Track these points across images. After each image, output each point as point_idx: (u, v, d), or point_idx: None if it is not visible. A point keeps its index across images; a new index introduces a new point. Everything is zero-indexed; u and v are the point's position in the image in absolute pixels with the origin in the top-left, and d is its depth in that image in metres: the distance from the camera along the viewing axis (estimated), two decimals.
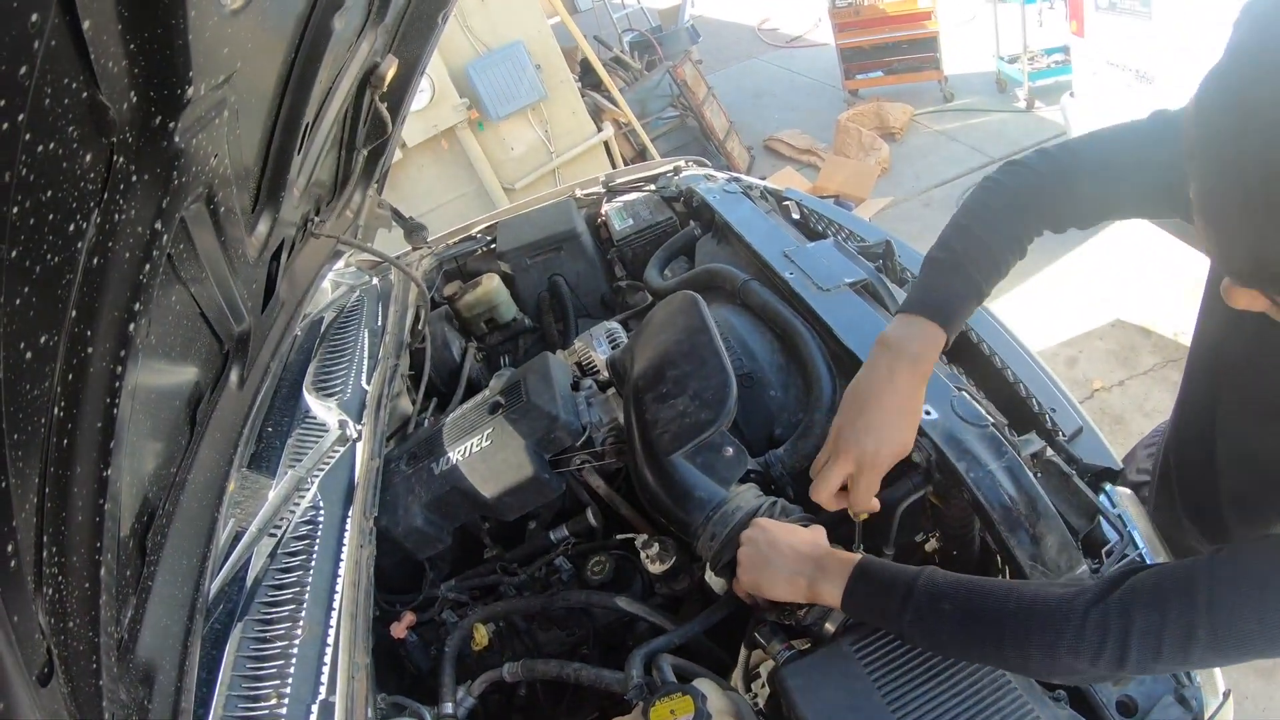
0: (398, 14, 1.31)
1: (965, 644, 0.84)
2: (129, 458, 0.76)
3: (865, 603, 0.89)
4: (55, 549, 0.60)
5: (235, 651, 1.02)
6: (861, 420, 0.93)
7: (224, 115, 0.78)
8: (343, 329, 1.74)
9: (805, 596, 0.94)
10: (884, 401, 0.92)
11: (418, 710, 1.03)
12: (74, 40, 0.50)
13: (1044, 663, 0.78)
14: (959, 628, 0.82)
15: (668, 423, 1.18)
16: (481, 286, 2.02)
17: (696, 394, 1.19)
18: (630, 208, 2.18)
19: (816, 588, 0.92)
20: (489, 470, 1.28)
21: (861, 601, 0.89)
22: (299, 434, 1.43)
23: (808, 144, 5.36)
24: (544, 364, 1.39)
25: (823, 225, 1.88)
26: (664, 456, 1.15)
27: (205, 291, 0.92)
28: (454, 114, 3.86)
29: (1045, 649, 0.76)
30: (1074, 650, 0.74)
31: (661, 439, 1.17)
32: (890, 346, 0.94)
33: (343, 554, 1.14)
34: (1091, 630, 0.74)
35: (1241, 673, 2.10)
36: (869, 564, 0.91)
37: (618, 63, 5.71)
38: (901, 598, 0.85)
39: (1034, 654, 0.77)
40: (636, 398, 1.25)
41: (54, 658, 0.57)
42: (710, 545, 1.07)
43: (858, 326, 1.34)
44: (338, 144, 1.41)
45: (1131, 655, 0.72)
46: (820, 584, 0.92)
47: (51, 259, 0.53)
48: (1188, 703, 0.91)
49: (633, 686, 0.98)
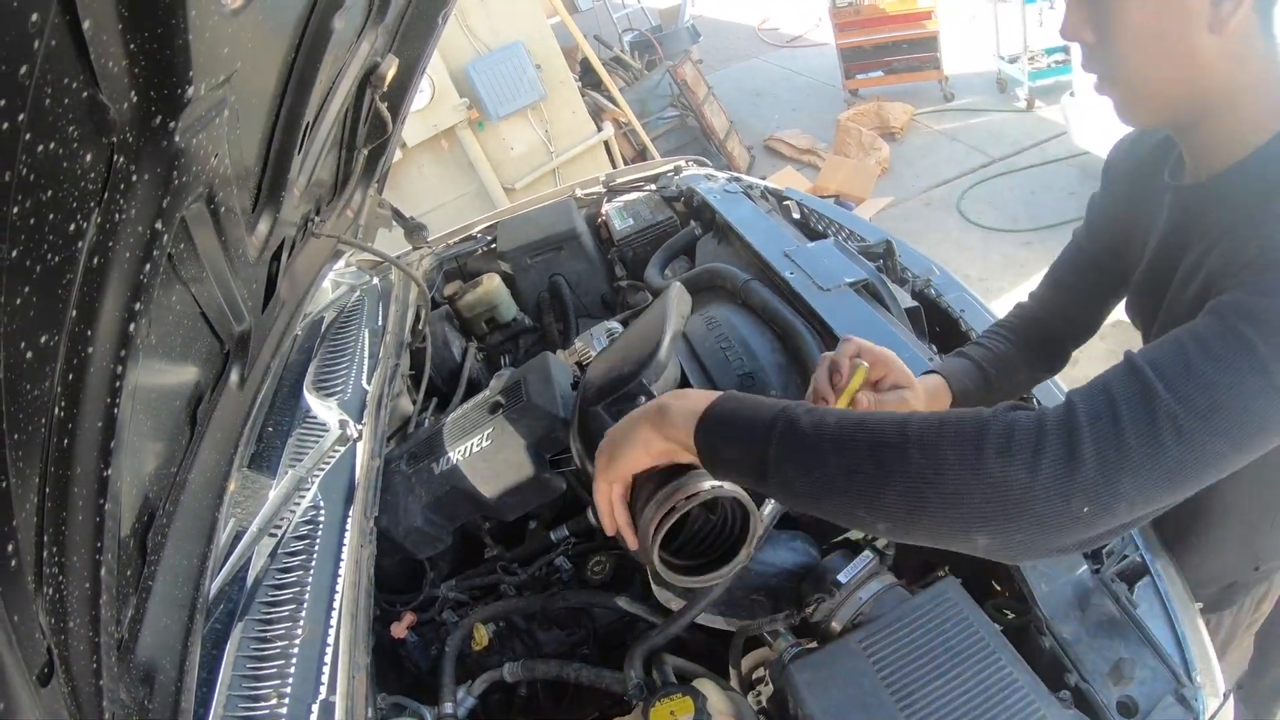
0: (398, 14, 1.31)
1: (853, 467, 0.61)
2: (129, 458, 0.76)
3: (727, 420, 0.69)
4: (55, 549, 0.60)
5: (235, 651, 1.02)
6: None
7: (224, 115, 0.77)
8: (343, 329, 1.74)
9: (660, 440, 0.73)
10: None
11: (418, 710, 1.03)
12: (74, 40, 0.50)
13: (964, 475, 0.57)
14: (848, 439, 0.62)
15: (597, 379, 1.18)
16: (482, 286, 2.02)
17: (625, 354, 1.20)
18: (630, 207, 2.18)
19: (667, 414, 0.73)
20: (489, 470, 1.28)
21: (723, 419, 0.70)
22: (299, 434, 1.43)
23: (808, 144, 5.36)
24: (544, 364, 1.39)
25: (823, 225, 1.88)
26: (585, 407, 1.13)
27: (205, 291, 0.92)
28: (454, 114, 3.86)
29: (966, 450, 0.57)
30: (1004, 449, 0.57)
31: (588, 392, 1.17)
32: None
33: (343, 554, 1.14)
34: (1024, 422, 0.58)
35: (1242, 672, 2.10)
36: (732, 394, 0.73)
37: (618, 62, 5.71)
38: (774, 412, 0.67)
39: (949, 461, 0.58)
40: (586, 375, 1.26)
41: (54, 658, 0.57)
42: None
43: (857, 326, 1.34)
44: (338, 144, 1.41)
45: (1085, 448, 0.55)
46: (672, 409, 0.73)
47: (51, 259, 0.53)
48: (1188, 703, 0.90)
49: (633, 686, 0.98)
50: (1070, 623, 0.97)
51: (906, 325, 1.45)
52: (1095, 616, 0.98)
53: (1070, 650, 0.95)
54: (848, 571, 1.08)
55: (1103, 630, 0.97)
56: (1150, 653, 0.93)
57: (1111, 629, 0.97)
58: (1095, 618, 0.98)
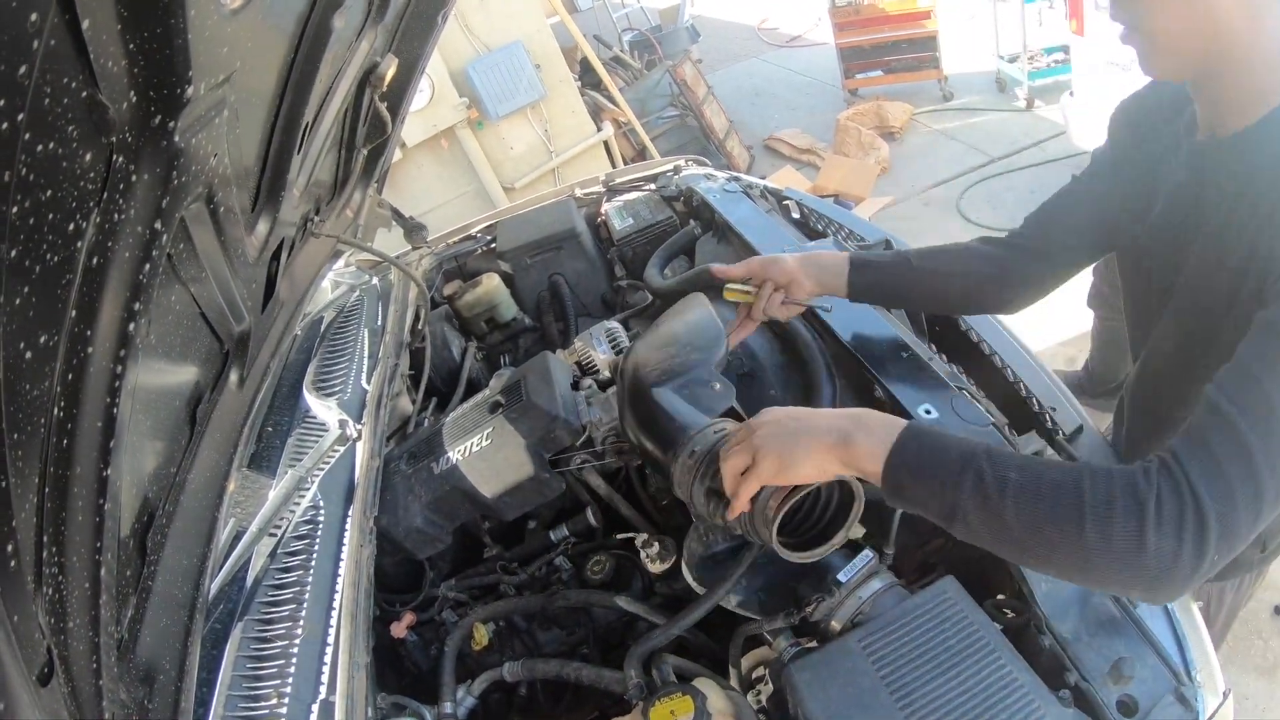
0: (398, 14, 1.31)
1: (1035, 523, 0.69)
2: (129, 458, 0.76)
3: (915, 464, 0.75)
4: (55, 549, 0.60)
5: (235, 651, 1.02)
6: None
7: (224, 115, 0.77)
8: (343, 328, 1.74)
9: (839, 465, 0.80)
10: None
11: (418, 710, 1.03)
12: (74, 40, 0.50)
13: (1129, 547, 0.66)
14: (1030, 500, 0.69)
15: (657, 363, 1.16)
16: (481, 286, 2.02)
17: (688, 343, 1.20)
18: (630, 207, 2.18)
19: (854, 448, 0.78)
20: (489, 470, 1.28)
21: (910, 461, 0.75)
22: (299, 434, 1.43)
23: (808, 143, 5.35)
24: (544, 363, 1.39)
25: (822, 224, 1.88)
26: (649, 389, 1.10)
27: (205, 291, 0.92)
28: (454, 113, 3.85)
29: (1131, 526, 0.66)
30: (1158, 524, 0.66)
31: (649, 375, 1.13)
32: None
33: (343, 554, 1.14)
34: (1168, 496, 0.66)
35: (1242, 672, 2.10)
36: (920, 424, 0.79)
37: (618, 62, 5.71)
38: (961, 460, 0.73)
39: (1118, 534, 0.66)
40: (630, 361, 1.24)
41: (54, 658, 0.57)
42: (688, 464, 0.96)
43: (857, 326, 1.34)
44: (338, 144, 1.41)
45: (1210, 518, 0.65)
46: (858, 442, 0.78)
47: (51, 259, 0.53)
48: (1188, 702, 0.90)
49: (632, 686, 0.98)
50: (1070, 622, 0.97)
51: (906, 324, 1.45)
52: (1095, 615, 0.98)
53: (1070, 649, 0.95)
54: (847, 571, 1.08)
55: (1102, 629, 0.97)
56: (1150, 652, 0.93)
57: (1111, 628, 0.97)
58: (1095, 617, 0.98)
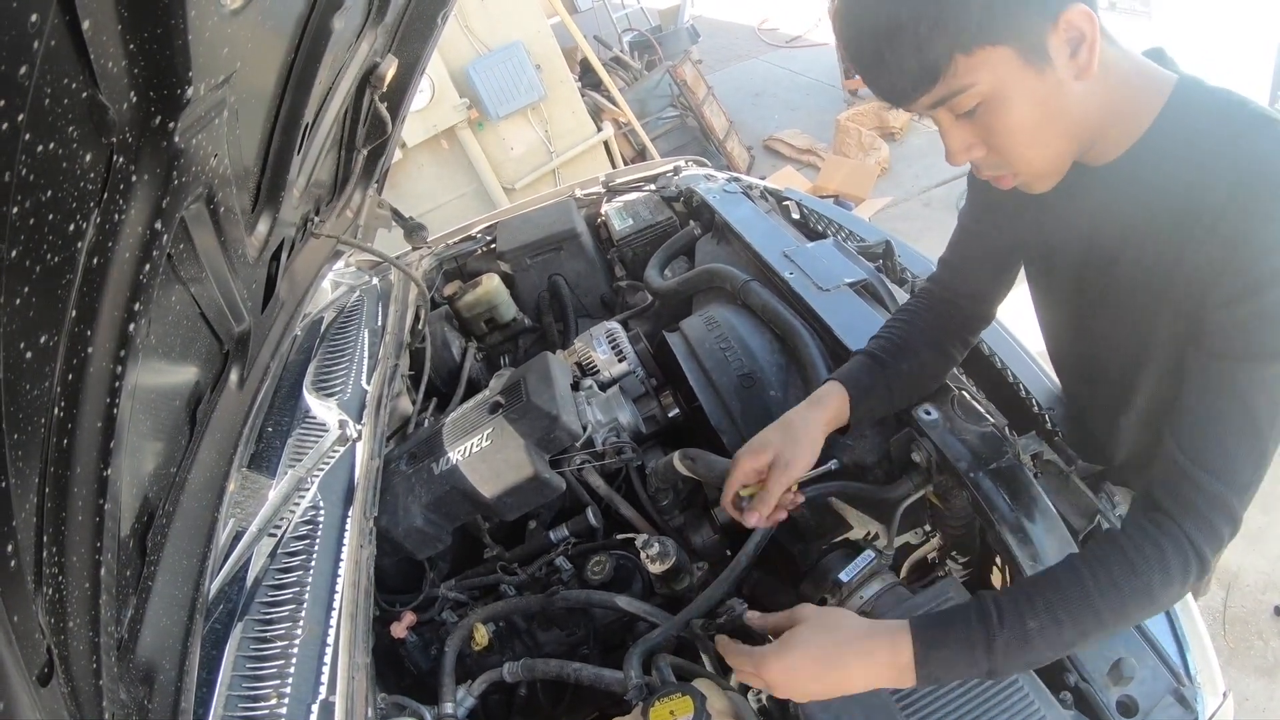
0: (398, 14, 1.31)
1: (1066, 644, 0.79)
2: (129, 458, 0.76)
3: (937, 674, 0.81)
4: (55, 549, 0.60)
5: (235, 651, 1.02)
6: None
7: (224, 115, 0.78)
8: (343, 329, 1.74)
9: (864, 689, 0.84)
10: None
11: (418, 710, 1.03)
12: (74, 40, 0.50)
13: (1144, 610, 0.79)
14: (1055, 635, 0.78)
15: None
16: (481, 286, 2.02)
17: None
18: (630, 208, 2.18)
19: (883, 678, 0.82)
20: (489, 470, 1.28)
21: (933, 674, 0.81)
22: (299, 434, 1.42)
23: (808, 144, 5.36)
24: (544, 364, 1.39)
25: (823, 225, 1.88)
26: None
27: (205, 291, 0.92)
28: (454, 114, 3.86)
29: (1143, 600, 0.77)
30: (1165, 582, 0.76)
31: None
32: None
33: (343, 554, 1.14)
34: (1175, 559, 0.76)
35: (1241, 672, 2.11)
36: (920, 626, 0.82)
37: (618, 63, 5.71)
38: (984, 643, 0.78)
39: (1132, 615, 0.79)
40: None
41: (54, 658, 0.57)
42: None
43: (857, 326, 1.35)
44: (338, 144, 1.41)
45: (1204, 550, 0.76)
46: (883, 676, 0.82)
47: (51, 259, 0.53)
48: (1188, 702, 0.90)
49: (632, 686, 0.98)
50: None
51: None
52: None
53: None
54: (848, 571, 1.08)
55: None
56: (1150, 652, 0.93)
57: None
58: None
